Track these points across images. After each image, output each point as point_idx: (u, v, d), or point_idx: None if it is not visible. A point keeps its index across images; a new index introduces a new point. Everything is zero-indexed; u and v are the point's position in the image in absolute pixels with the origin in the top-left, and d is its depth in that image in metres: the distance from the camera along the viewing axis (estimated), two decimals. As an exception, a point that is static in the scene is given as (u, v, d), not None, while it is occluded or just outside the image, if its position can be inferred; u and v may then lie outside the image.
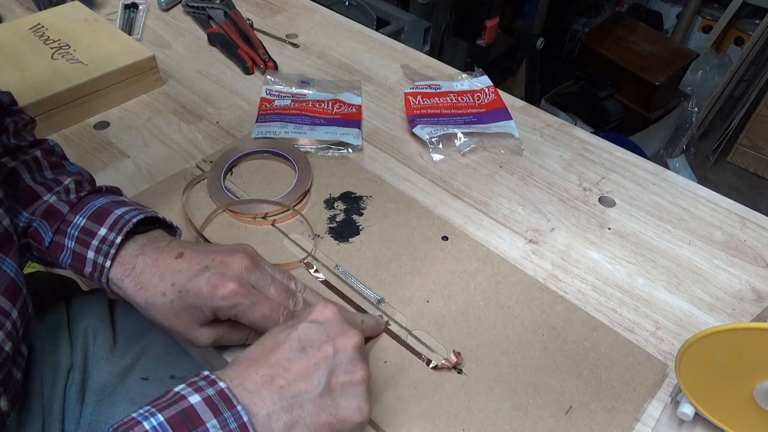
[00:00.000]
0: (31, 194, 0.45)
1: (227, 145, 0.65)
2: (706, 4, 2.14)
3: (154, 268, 0.42)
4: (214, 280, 0.40)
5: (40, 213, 0.44)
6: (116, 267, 0.43)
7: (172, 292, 0.41)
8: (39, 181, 0.47)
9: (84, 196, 0.46)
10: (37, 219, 0.44)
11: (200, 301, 0.40)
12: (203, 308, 0.40)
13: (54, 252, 0.44)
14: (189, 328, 0.41)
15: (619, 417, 0.42)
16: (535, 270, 0.53)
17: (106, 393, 0.50)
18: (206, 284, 0.40)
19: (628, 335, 0.48)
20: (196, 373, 0.36)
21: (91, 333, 0.53)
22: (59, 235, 0.44)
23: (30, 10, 0.86)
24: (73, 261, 0.43)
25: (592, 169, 0.65)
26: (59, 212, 0.44)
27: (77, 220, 0.44)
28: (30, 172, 0.47)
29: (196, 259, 0.42)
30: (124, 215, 0.44)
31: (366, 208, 0.58)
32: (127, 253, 0.43)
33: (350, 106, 0.71)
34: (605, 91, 1.87)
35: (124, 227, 0.43)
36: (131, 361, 0.52)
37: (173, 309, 0.41)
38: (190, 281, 0.40)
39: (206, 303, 0.40)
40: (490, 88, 0.74)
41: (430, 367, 0.45)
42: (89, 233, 0.43)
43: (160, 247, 0.44)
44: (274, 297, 0.43)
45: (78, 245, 0.43)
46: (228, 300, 0.40)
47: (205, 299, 0.40)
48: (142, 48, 0.72)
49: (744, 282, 0.54)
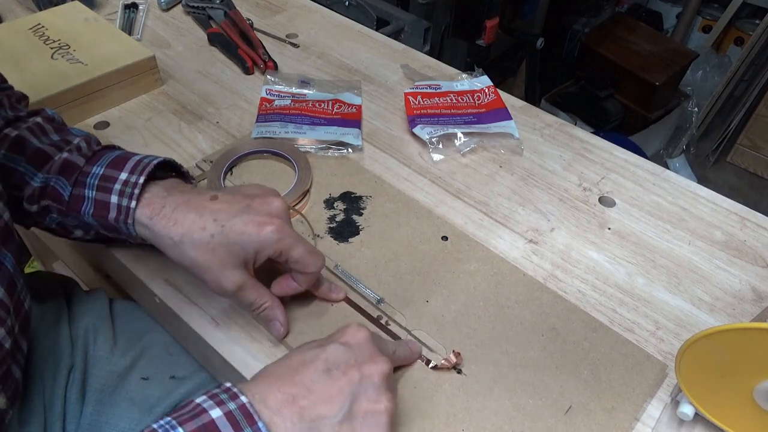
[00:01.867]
0: (43, 155, 0.45)
1: (227, 145, 0.65)
2: (706, 4, 2.14)
3: (188, 207, 0.42)
4: (260, 219, 0.41)
5: (56, 170, 0.44)
6: (142, 207, 0.42)
7: (214, 226, 0.41)
8: (47, 143, 0.47)
9: (98, 150, 0.47)
10: (54, 176, 0.44)
11: (245, 237, 0.41)
12: (246, 245, 0.41)
13: (75, 205, 0.44)
14: (222, 266, 0.41)
15: (619, 417, 0.42)
16: (535, 270, 0.53)
17: (107, 393, 0.50)
18: (252, 222, 0.41)
19: (628, 335, 0.48)
20: (218, 384, 0.36)
21: (92, 333, 0.53)
22: (78, 187, 0.44)
23: (30, 10, 0.86)
24: (95, 210, 0.43)
25: (592, 169, 0.65)
26: (76, 165, 0.44)
27: (95, 169, 0.44)
28: (36, 136, 0.47)
29: (233, 200, 0.43)
30: (143, 159, 0.45)
31: (366, 208, 0.58)
32: (152, 195, 0.43)
33: (350, 106, 0.71)
34: (605, 91, 1.87)
35: (145, 168, 0.43)
36: (131, 360, 0.52)
37: (211, 243, 0.41)
38: (234, 218, 0.41)
39: (252, 239, 0.41)
40: (490, 88, 0.74)
41: (429, 367, 0.45)
42: (110, 179, 0.43)
43: (187, 190, 0.44)
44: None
45: (99, 192, 0.43)
46: (275, 233, 0.41)
47: (251, 235, 0.41)
48: (142, 48, 0.72)
49: (744, 282, 0.54)
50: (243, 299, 0.43)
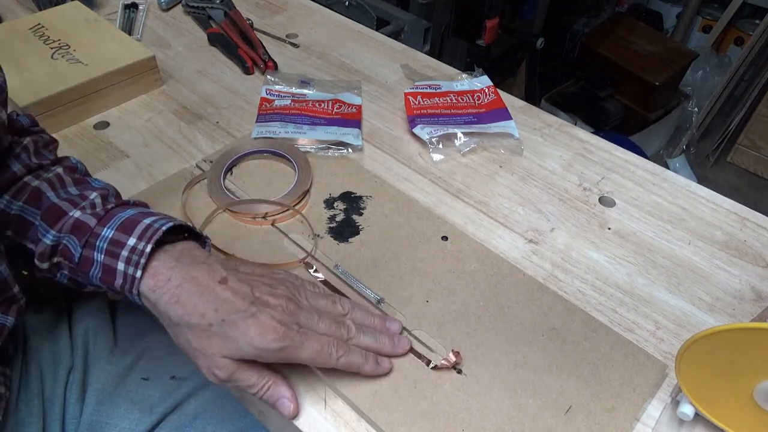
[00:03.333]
0: (57, 211, 0.44)
1: (227, 145, 0.65)
2: (706, 4, 2.14)
3: (194, 286, 0.40)
4: (264, 321, 0.39)
5: (68, 229, 0.43)
6: (148, 278, 0.41)
7: (214, 317, 0.39)
8: (63, 197, 0.45)
9: (111, 209, 0.45)
10: (66, 235, 0.43)
11: (245, 339, 0.39)
12: (244, 346, 0.39)
13: (84, 267, 0.42)
14: (214, 355, 0.39)
15: (619, 417, 0.42)
16: (535, 270, 0.53)
17: (107, 393, 0.50)
18: (255, 325, 0.39)
19: (628, 335, 0.48)
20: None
21: (92, 333, 0.53)
22: (88, 249, 0.42)
23: (30, 10, 0.86)
24: (103, 275, 0.42)
25: (592, 169, 0.65)
26: (87, 225, 0.43)
27: (105, 232, 0.42)
28: (54, 189, 0.46)
29: (241, 291, 0.41)
30: (153, 224, 0.42)
31: (366, 208, 0.58)
32: (159, 264, 0.41)
33: (350, 106, 0.71)
34: (605, 91, 1.87)
35: (153, 235, 0.41)
36: (132, 361, 0.52)
37: (208, 332, 0.39)
38: (237, 314, 0.39)
39: (252, 343, 0.39)
40: (490, 88, 0.74)
41: (429, 367, 0.45)
42: (118, 244, 0.41)
43: (198, 262, 0.42)
44: (323, 332, 0.42)
45: (107, 257, 0.42)
46: (277, 342, 0.39)
47: (252, 339, 0.38)
48: (142, 48, 0.72)
49: (744, 282, 0.54)
50: (240, 384, 0.41)
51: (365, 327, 0.45)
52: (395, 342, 0.45)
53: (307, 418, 0.42)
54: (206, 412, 0.51)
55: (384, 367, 0.44)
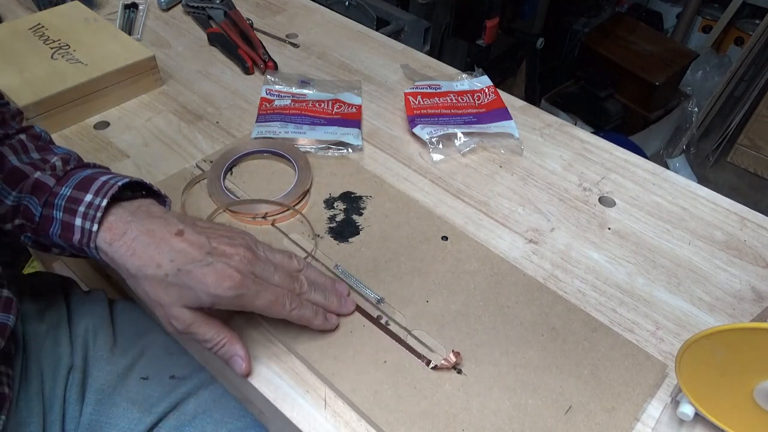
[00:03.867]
0: (18, 174, 0.45)
1: (227, 145, 0.65)
2: (706, 4, 2.14)
3: (150, 238, 0.41)
4: (220, 269, 0.40)
5: (28, 189, 0.44)
6: (104, 231, 0.41)
7: (170, 267, 0.40)
8: (26, 161, 0.46)
9: (70, 170, 0.46)
10: (26, 196, 0.44)
11: (201, 287, 0.39)
12: (201, 294, 0.40)
13: (44, 226, 0.43)
14: (172, 305, 0.40)
15: (619, 417, 0.42)
16: (535, 270, 0.53)
17: (106, 393, 0.50)
18: (211, 273, 0.40)
19: (628, 335, 0.48)
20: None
21: (91, 333, 0.53)
22: (47, 208, 0.43)
23: (30, 10, 0.86)
24: (62, 231, 0.43)
25: (592, 169, 0.65)
26: (46, 185, 0.44)
27: (63, 190, 0.43)
28: (16, 153, 0.47)
29: (197, 242, 0.41)
30: (109, 180, 0.43)
31: (366, 208, 0.58)
32: (116, 218, 0.42)
33: (350, 106, 0.71)
34: (605, 91, 1.87)
35: (109, 191, 0.42)
36: (131, 360, 0.52)
37: (164, 282, 0.40)
38: (193, 264, 0.40)
39: (208, 290, 0.39)
40: (490, 88, 0.74)
41: (429, 367, 0.45)
42: (75, 201, 0.42)
43: (155, 216, 0.43)
44: (278, 283, 0.43)
45: (66, 214, 0.42)
46: (233, 290, 0.40)
47: (207, 287, 0.39)
48: (142, 48, 0.72)
49: (744, 282, 0.54)
50: (196, 337, 0.42)
51: (317, 285, 0.46)
52: (342, 302, 0.47)
53: (307, 418, 0.42)
54: (205, 411, 0.51)
55: (331, 323, 0.46)
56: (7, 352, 0.47)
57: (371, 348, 0.46)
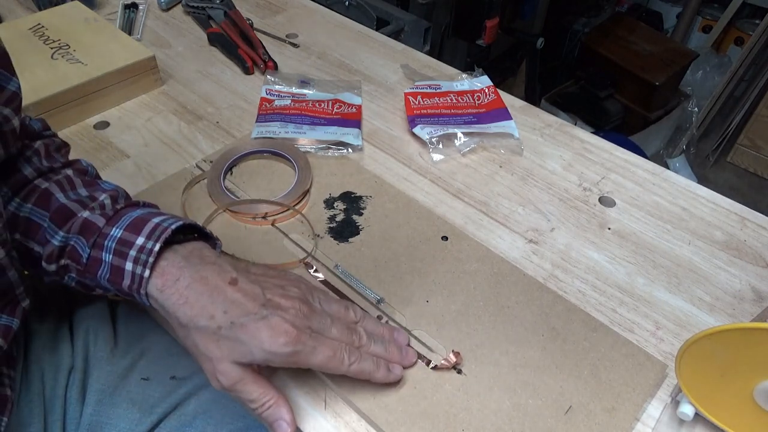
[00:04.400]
0: (66, 212, 0.43)
1: (227, 145, 0.65)
2: (706, 4, 2.14)
3: (203, 286, 0.39)
4: (275, 324, 0.38)
5: (76, 229, 0.42)
6: (156, 278, 0.40)
7: (223, 319, 0.38)
8: (73, 198, 0.45)
9: (120, 209, 0.44)
10: (74, 236, 0.42)
11: (255, 342, 0.37)
12: (254, 350, 0.38)
13: (92, 268, 0.42)
14: (222, 360, 0.38)
15: (619, 417, 0.42)
16: (535, 270, 0.53)
17: (107, 393, 0.50)
18: (266, 328, 0.38)
19: (628, 335, 0.48)
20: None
21: (92, 333, 0.53)
22: (96, 250, 0.41)
23: (30, 10, 0.86)
24: (111, 275, 0.41)
25: (592, 169, 0.65)
26: (95, 225, 0.42)
27: (114, 231, 0.42)
28: (63, 190, 0.45)
29: (251, 292, 0.39)
30: (162, 223, 0.41)
31: (366, 208, 0.58)
32: (168, 264, 0.40)
33: (350, 106, 0.71)
34: (605, 91, 1.87)
35: (162, 234, 0.40)
36: (132, 361, 0.52)
37: (216, 335, 0.38)
38: (247, 317, 0.38)
39: (262, 347, 0.37)
40: (490, 88, 0.74)
41: (429, 367, 0.45)
42: (126, 244, 0.40)
43: (208, 262, 0.41)
44: (336, 337, 0.41)
45: (116, 257, 0.41)
46: (289, 346, 0.38)
47: (262, 343, 0.37)
48: (142, 48, 0.72)
49: (744, 282, 0.54)
50: (242, 395, 0.39)
51: (375, 336, 0.44)
52: (403, 353, 0.45)
53: (307, 418, 0.42)
54: (206, 412, 0.51)
55: (395, 374, 0.43)
56: (10, 354, 0.46)
57: None
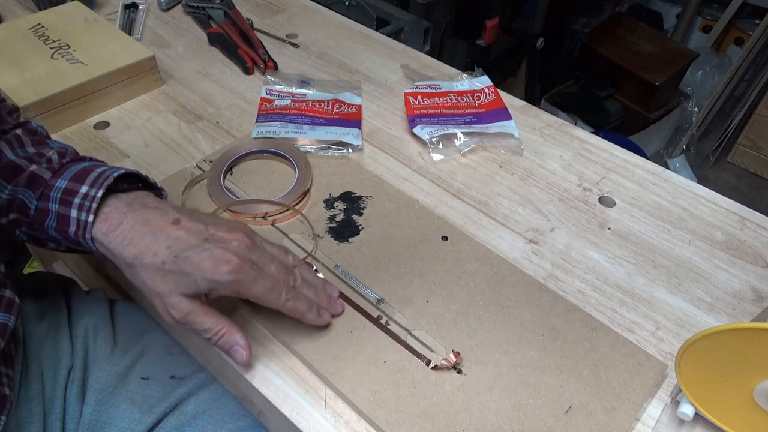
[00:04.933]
0: (14, 167, 0.45)
1: (227, 145, 0.65)
2: (706, 4, 2.14)
3: (146, 227, 0.41)
4: (218, 254, 0.39)
5: (23, 182, 0.44)
6: (100, 222, 0.41)
7: (166, 254, 0.39)
8: (21, 155, 0.46)
9: (66, 162, 0.46)
10: (22, 189, 0.44)
11: (199, 272, 0.39)
12: (198, 280, 0.39)
13: (40, 219, 0.43)
14: (170, 293, 0.40)
15: (619, 417, 0.42)
16: (535, 270, 0.53)
17: (107, 393, 0.50)
18: (209, 258, 0.39)
19: (628, 335, 0.48)
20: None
21: (92, 333, 0.53)
22: (43, 201, 0.43)
23: (30, 10, 0.86)
24: (58, 224, 0.42)
25: (592, 169, 0.65)
26: (42, 178, 0.44)
27: (59, 183, 0.43)
28: (12, 148, 0.47)
29: (194, 229, 0.41)
30: (105, 171, 0.43)
31: (366, 208, 0.58)
32: (111, 210, 0.42)
33: (350, 106, 0.71)
34: (605, 91, 1.87)
35: (105, 181, 0.42)
36: (131, 360, 0.52)
37: (161, 270, 0.40)
38: (190, 250, 0.40)
39: (205, 276, 0.39)
40: (490, 88, 0.74)
41: (429, 367, 0.45)
42: (71, 193, 0.42)
43: (151, 207, 0.42)
44: (274, 273, 0.43)
45: (61, 206, 0.42)
46: (231, 275, 0.39)
47: (205, 272, 0.39)
48: (142, 48, 0.72)
49: (744, 282, 0.54)
50: (194, 326, 0.41)
51: (308, 282, 0.46)
52: (332, 302, 0.47)
53: (307, 418, 0.42)
54: (206, 411, 0.51)
55: (324, 319, 0.46)
56: (8, 352, 0.46)
57: (371, 348, 0.46)
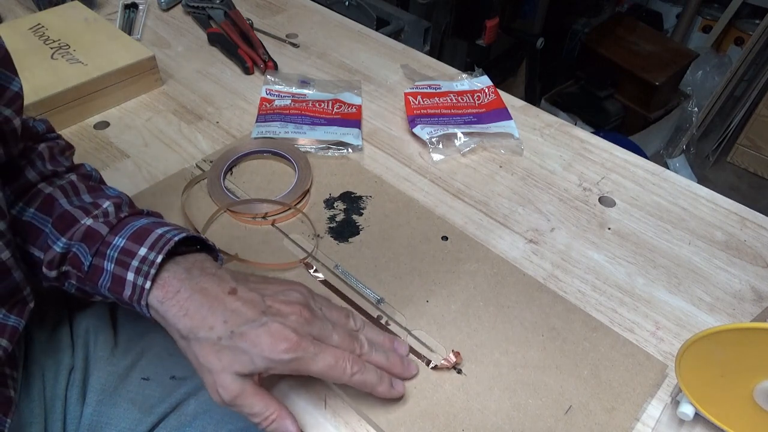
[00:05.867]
0: (69, 218, 0.43)
1: (227, 145, 0.65)
2: (706, 4, 2.14)
3: (203, 297, 0.39)
4: (275, 330, 0.38)
5: (79, 236, 0.42)
6: (157, 289, 0.40)
7: (222, 329, 0.38)
8: (76, 204, 0.45)
9: (124, 218, 0.44)
10: (76, 243, 0.42)
11: (256, 350, 0.37)
12: (255, 358, 0.37)
13: (93, 276, 0.42)
14: (223, 371, 0.38)
15: (619, 417, 0.42)
16: (535, 270, 0.53)
17: (107, 393, 0.50)
18: (266, 334, 0.37)
19: (628, 335, 0.48)
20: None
21: (92, 333, 0.53)
22: (98, 258, 0.41)
23: (30, 10, 0.86)
24: (112, 284, 0.41)
25: (592, 169, 0.65)
26: (98, 234, 0.42)
27: (117, 241, 0.41)
28: (67, 196, 0.45)
29: (251, 300, 0.39)
30: (166, 234, 0.41)
31: (366, 208, 0.58)
32: (170, 275, 0.40)
33: (350, 106, 0.71)
34: (605, 91, 1.87)
35: (165, 246, 0.40)
36: (132, 361, 0.52)
37: (217, 346, 0.38)
38: (247, 325, 0.38)
39: (263, 354, 0.37)
40: (490, 88, 0.74)
41: (429, 367, 0.45)
42: (129, 254, 0.40)
43: (208, 273, 0.41)
44: (337, 344, 0.40)
45: (118, 267, 0.40)
46: (290, 353, 0.37)
47: (263, 350, 0.37)
48: (142, 48, 0.72)
49: (744, 282, 0.54)
50: (244, 409, 0.39)
51: (377, 345, 0.43)
52: (405, 364, 0.44)
53: (307, 418, 0.42)
54: (206, 412, 0.50)
55: (398, 390, 0.42)
56: (13, 355, 0.47)
57: None
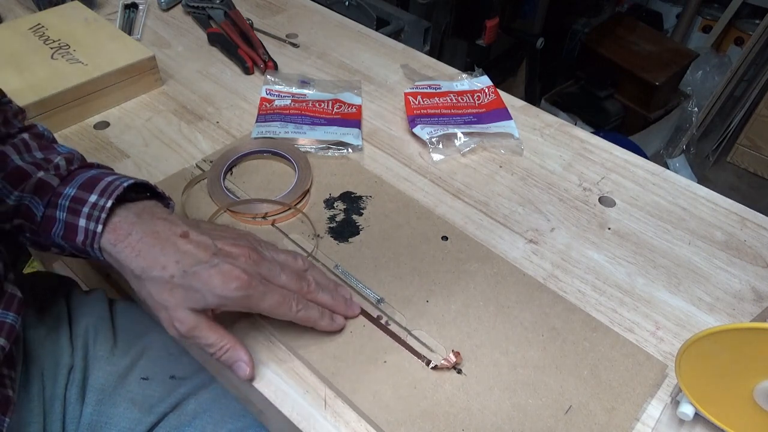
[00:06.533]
0: (21, 173, 0.45)
1: (227, 145, 0.65)
2: (706, 4, 2.14)
3: (154, 240, 0.41)
4: (226, 270, 0.40)
5: (31, 189, 0.44)
6: (109, 233, 0.41)
7: (175, 269, 0.40)
8: (28, 161, 0.46)
9: (74, 170, 0.45)
10: (28, 195, 0.44)
11: (208, 288, 0.39)
12: (207, 296, 0.39)
13: (46, 226, 0.43)
14: (177, 307, 0.40)
15: (619, 417, 0.42)
16: (535, 270, 0.53)
17: (107, 393, 0.50)
18: (218, 274, 0.39)
19: (628, 335, 0.48)
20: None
21: (92, 333, 0.53)
22: (51, 208, 0.43)
23: (30, 10, 0.86)
24: (65, 232, 0.42)
25: (592, 169, 0.65)
26: (49, 185, 0.43)
27: (68, 190, 0.43)
28: (19, 153, 0.47)
29: (203, 243, 0.41)
30: (114, 181, 0.43)
31: (366, 208, 0.58)
32: (120, 220, 0.42)
33: (350, 106, 0.71)
34: (605, 91, 1.87)
35: (114, 191, 0.42)
36: (131, 360, 0.52)
37: (169, 284, 0.40)
38: (199, 266, 0.40)
39: (215, 292, 0.39)
40: (490, 88, 0.74)
41: (429, 367, 0.45)
42: (80, 201, 0.42)
43: (159, 218, 0.42)
44: (285, 284, 0.43)
45: (69, 215, 0.42)
46: (240, 291, 0.40)
47: (214, 288, 0.39)
48: (142, 48, 0.72)
49: (744, 282, 0.54)
50: (199, 341, 0.41)
51: (322, 285, 0.46)
52: (348, 304, 0.47)
53: (307, 418, 0.42)
54: (206, 411, 0.51)
55: (338, 324, 0.45)
56: (11, 354, 0.47)
57: (371, 348, 0.46)
